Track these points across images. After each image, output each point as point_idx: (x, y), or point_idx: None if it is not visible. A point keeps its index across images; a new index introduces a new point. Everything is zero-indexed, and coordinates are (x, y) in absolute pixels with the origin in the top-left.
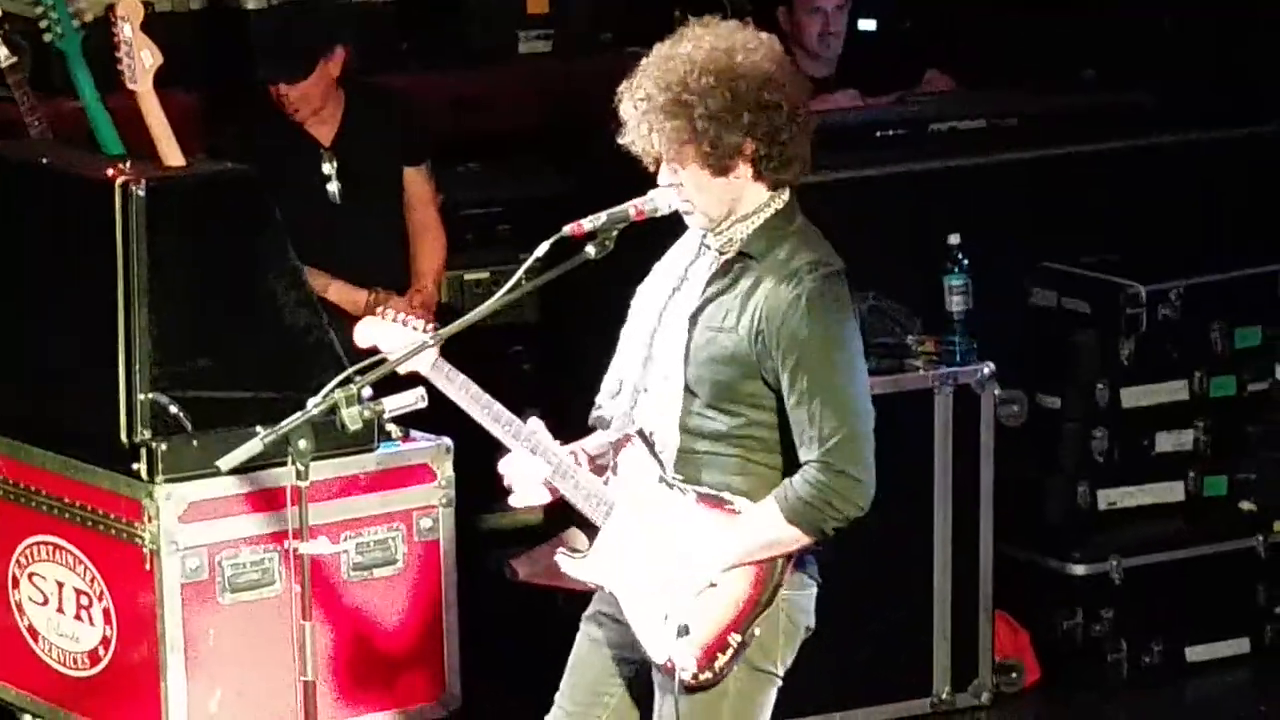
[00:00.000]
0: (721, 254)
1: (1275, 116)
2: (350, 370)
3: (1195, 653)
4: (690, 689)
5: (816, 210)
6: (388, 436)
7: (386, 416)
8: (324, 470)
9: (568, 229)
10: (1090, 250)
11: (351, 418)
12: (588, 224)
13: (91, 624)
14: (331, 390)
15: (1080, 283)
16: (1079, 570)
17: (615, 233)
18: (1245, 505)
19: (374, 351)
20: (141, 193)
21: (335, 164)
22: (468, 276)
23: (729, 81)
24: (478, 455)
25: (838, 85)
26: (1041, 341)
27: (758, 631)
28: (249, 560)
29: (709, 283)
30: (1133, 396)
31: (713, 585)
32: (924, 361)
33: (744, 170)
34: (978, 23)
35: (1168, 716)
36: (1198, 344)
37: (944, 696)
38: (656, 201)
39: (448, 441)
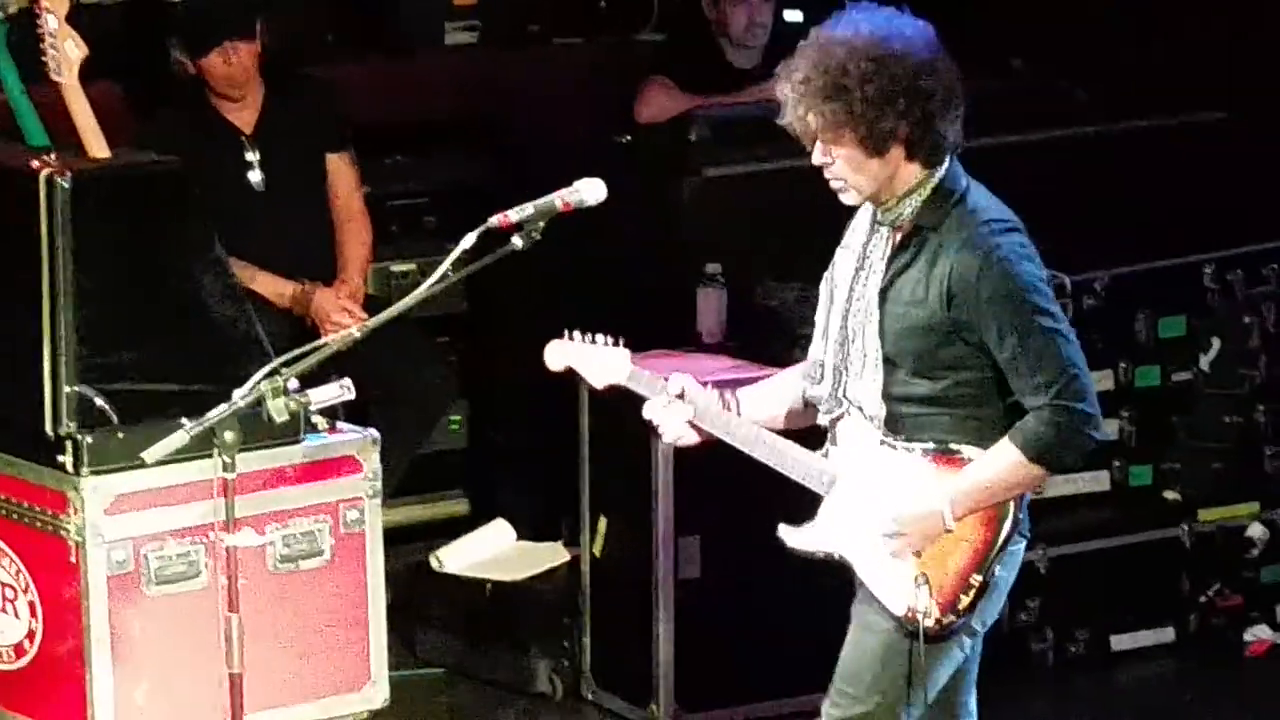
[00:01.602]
0: (895, 229)
1: (1202, 106)
2: (276, 362)
3: (1120, 641)
4: (931, 635)
5: (749, 199)
6: (314, 428)
7: (312, 408)
8: (250, 462)
9: (494, 220)
10: None
11: (278, 409)
12: (514, 215)
13: (17, 617)
14: (258, 382)
15: None
16: None
17: (542, 224)
18: (1170, 495)
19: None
20: (66, 185)
21: (257, 152)
22: (394, 268)
23: (887, 67)
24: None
25: (763, 76)
26: None
27: (998, 570)
28: (175, 553)
29: (891, 259)
30: None
31: (948, 531)
32: None
33: (897, 152)
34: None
35: (1093, 705)
36: (1123, 334)
37: None
38: (583, 193)
39: (374, 433)
